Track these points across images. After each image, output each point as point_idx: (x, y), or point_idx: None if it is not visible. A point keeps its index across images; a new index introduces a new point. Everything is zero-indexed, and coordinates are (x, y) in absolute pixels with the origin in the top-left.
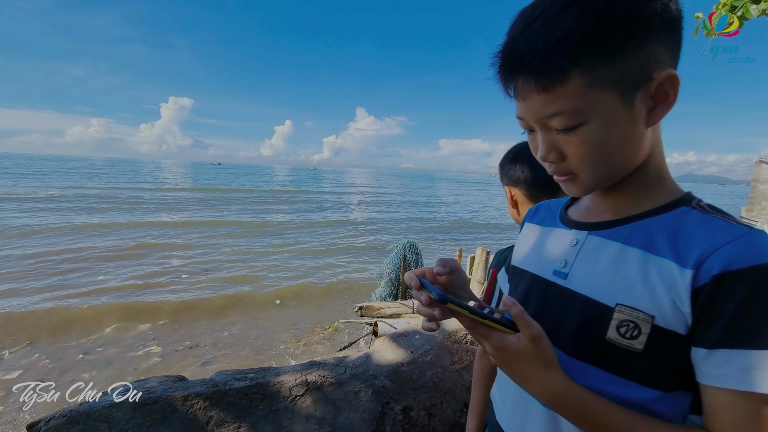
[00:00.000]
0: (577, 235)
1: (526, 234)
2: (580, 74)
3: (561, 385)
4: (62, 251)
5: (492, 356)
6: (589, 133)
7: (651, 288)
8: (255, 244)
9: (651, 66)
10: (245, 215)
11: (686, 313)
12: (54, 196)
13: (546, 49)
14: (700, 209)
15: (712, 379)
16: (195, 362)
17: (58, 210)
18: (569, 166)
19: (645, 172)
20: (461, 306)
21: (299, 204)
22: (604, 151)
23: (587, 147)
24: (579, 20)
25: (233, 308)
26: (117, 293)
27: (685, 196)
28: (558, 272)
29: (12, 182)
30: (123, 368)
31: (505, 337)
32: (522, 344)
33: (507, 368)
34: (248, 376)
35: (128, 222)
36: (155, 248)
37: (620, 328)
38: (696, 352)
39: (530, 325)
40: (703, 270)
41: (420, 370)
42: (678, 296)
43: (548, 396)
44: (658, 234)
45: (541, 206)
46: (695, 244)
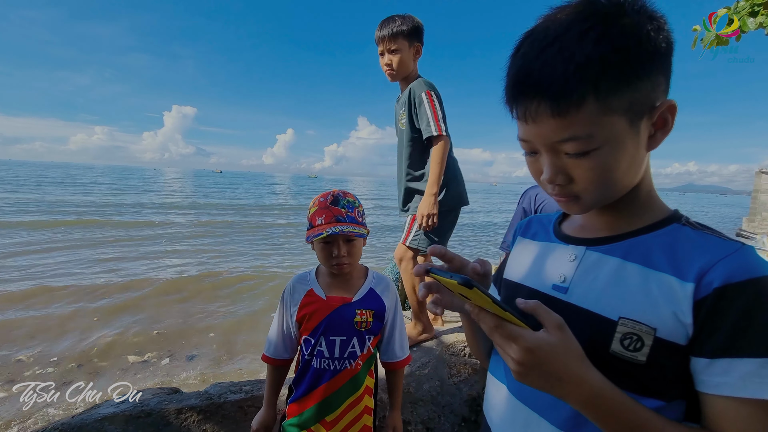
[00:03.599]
0: (575, 250)
1: (520, 249)
2: (595, 100)
3: (598, 380)
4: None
5: (519, 362)
6: (600, 157)
7: (652, 301)
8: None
9: (655, 95)
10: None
11: (687, 325)
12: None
13: (565, 74)
14: (691, 226)
15: (714, 388)
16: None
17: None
18: (575, 189)
19: (638, 192)
20: (488, 295)
21: (297, 212)
22: (613, 176)
23: (597, 171)
24: (597, 48)
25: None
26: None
27: (674, 213)
28: (558, 287)
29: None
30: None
31: (537, 335)
32: (553, 338)
33: (537, 372)
34: (243, 388)
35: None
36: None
37: (624, 341)
38: (696, 362)
39: (551, 313)
40: (704, 283)
41: (417, 383)
42: (680, 309)
43: (585, 395)
44: (655, 249)
45: (532, 220)
46: (693, 259)
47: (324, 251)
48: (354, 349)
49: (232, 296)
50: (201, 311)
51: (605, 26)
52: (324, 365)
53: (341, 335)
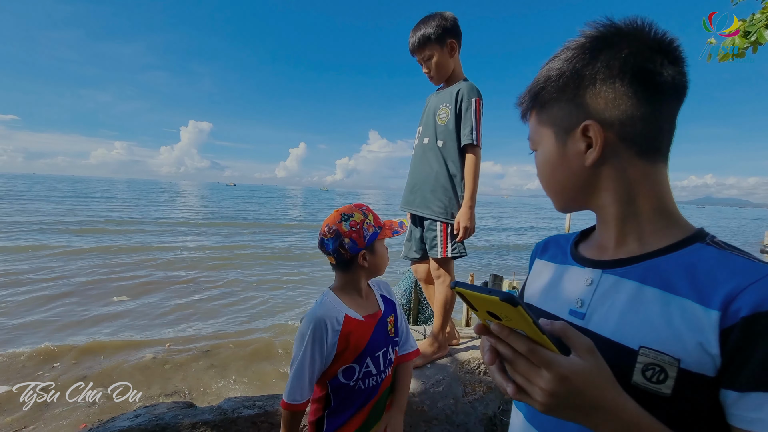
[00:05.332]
0: (591, 273)
1: (537, 271)
2: (536, 113)
3: (634, 408)
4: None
5: (551, 391)
6: (536, 157)
7: (675, 330)
8: (269, 273)
9: (579, 115)
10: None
11: (715, 355)
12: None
13: (529, 91)
14: (715, 245)
15: (747, 424)
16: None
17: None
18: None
19: (651, 209)
20: (531, 316)
21: (301, 229)
22: (543, 175)
23: (537, 168)
24: (544, 74)
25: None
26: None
27: (698, 232)
28: (575, 312)
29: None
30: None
31: (571, 360)
32: (587, 364)
33: (570, 402)
34: (257, 403)
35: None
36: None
37: (646, 372)
38: (727, 395)
39: (581, 336)
40: (731, 311)
41: (432, 401)
42: (705, 338)
43: (621, 424)
44: (675, 272)
45: (550, 241)
46: (718, 283)
47: (385, 250)
48: (390, 356)
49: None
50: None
51: (551, 62)
52: (372, 383)
53: (382, 348)
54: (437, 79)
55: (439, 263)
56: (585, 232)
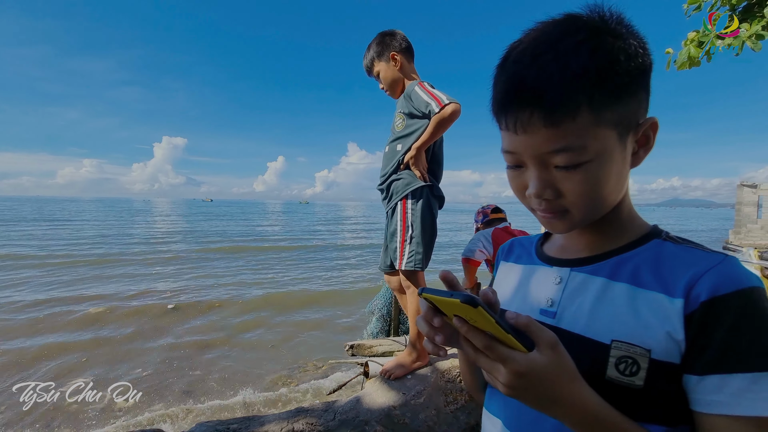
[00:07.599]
0: (559, 272)
1: (504, 273)
2: (588, 111)
3: (594, 402)
4: None
5: (508, 385)
6: (591, 170)
7: (644, 322)
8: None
9: (639, 111)
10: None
11: (680, 341)
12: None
13: (562, 83)
14: (672, 240)
15: (706, 406)
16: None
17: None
18: (564, 203)
19: (620, 210)
20: (492, 315)
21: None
22: (602, 191)
23: (588, 185)
24: (593, 59)
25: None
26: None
27: (653, 229)
28: (545, 311)
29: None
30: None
31: (528, 357)
32: (546, 359)
33: (529, 393)
34: (231, 426)
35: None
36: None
37: (619, 366)
38: (688, 380)
39: (544, 330)
40: (692, 297)
41: (413, 413)
42: (672, 326)
43: (580, 416)
44: (641, 267)
45: (514, 243)
46: (680, 274)
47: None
48: None
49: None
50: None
51: (598, 39)
52: None
53: None
54: (391, 92)
55: (405, 275)
56: (548, 233)
